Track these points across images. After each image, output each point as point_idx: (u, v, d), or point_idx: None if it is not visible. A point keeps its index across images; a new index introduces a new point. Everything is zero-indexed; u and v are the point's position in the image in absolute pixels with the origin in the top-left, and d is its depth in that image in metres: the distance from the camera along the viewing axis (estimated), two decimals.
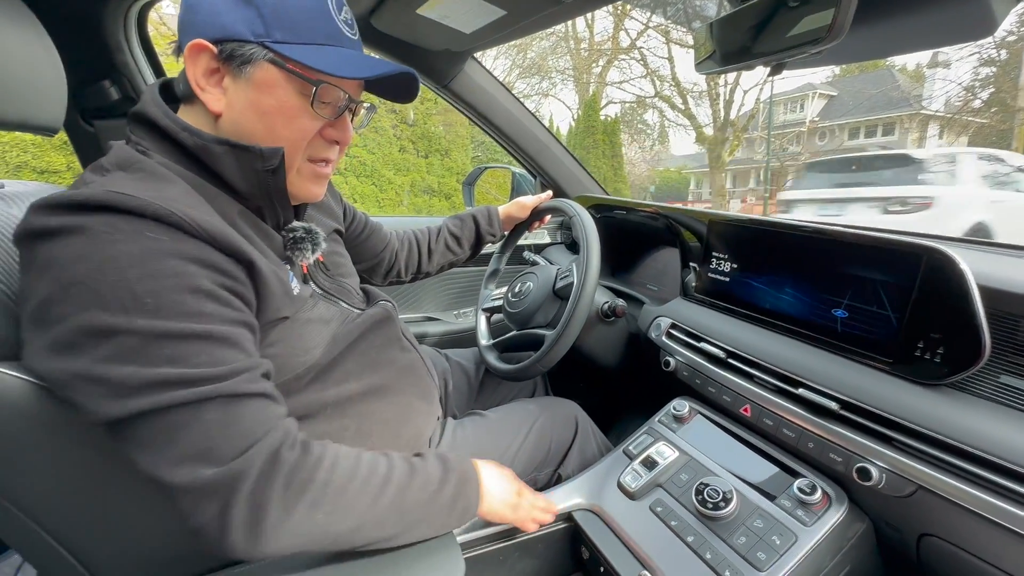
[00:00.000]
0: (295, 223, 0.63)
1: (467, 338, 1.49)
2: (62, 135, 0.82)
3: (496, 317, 1.16)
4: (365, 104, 0.63)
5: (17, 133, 0.66)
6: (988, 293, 0.57)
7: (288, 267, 0.61)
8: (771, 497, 0.69)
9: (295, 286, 0.60)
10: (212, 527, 0.43)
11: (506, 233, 1.16)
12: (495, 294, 1.19)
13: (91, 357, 0.41)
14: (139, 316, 0.41)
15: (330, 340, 0.65)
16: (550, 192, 1.16)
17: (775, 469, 0.73)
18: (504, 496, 0.66)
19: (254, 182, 0.55)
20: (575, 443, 0.90)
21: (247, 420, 0.46)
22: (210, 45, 0.50)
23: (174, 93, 0.57)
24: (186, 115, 0.55)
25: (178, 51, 0.53)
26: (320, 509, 0.48)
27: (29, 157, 4.85)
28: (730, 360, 0.84)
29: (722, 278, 0.93)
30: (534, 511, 0.70)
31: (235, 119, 0.54)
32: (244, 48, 0.50)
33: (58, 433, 0.48)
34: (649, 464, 0.80)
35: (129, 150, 0.51)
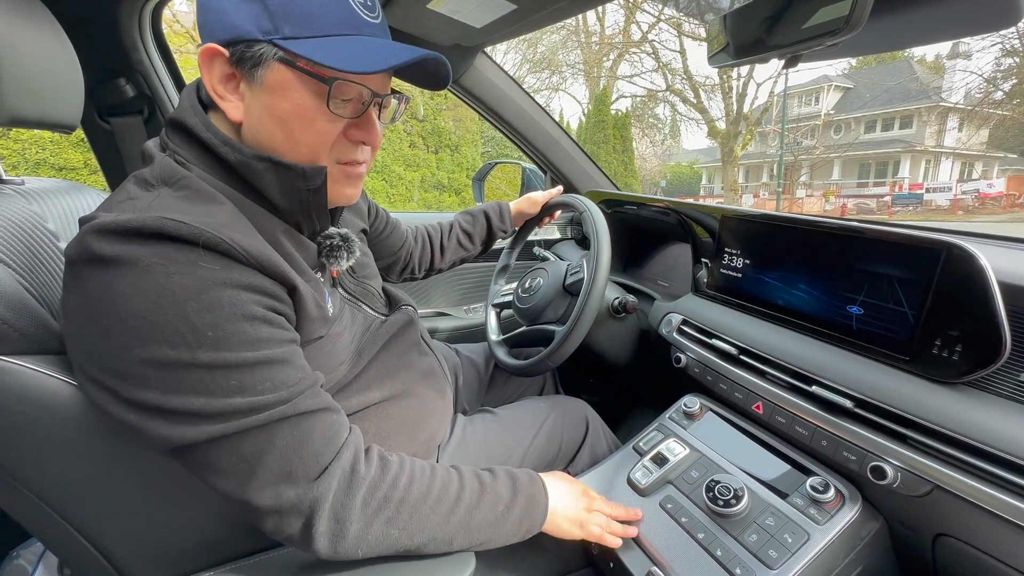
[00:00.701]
0: (331, 229, 0.61)
1: (478, 333, 1.49)
2: (79, 132, 0.84)
3: (506, 313, 1.16)
4: (396, 95, 0.57)
5: (36, 131, 0.67)
6: (1008, 290, 0.56)
7: (320, 276, 0.60)
8: (783, 495, 0.69)
9: (329, 306, 0.60)
10: (297, 538, 0.48)
11: (517, 228, 1.15)
12: (505, 290, 1.19)
13: (160, 388, 0.42)
14: (202, 349, 0.42)
15: (355, 353, 0.65)
16: (560, 188, 1.16)
17: (787, 467, 0.73)
18: (571, 513, 0.65)
19: (295, 200, 0.54)
20: (586, 442, 0.90)
21: (318, 438, 0.47)
22: (222, 49, 0.48)
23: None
24: (214, 122, 0.53)
25: None
26: (395, 526, 0.51)
27: (48, 154, 4.94)
28: (742, 357, 0.83)
29: (734, 274, 0.92)
30: (611, 524, 0.68)
31: (254, 127, 0.51)
32: (253, 48, 0.47)
33: (80, 427, 0.49)
34: (659, 461, 0.80)
35: (171, 163, 0.50)
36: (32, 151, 4.89)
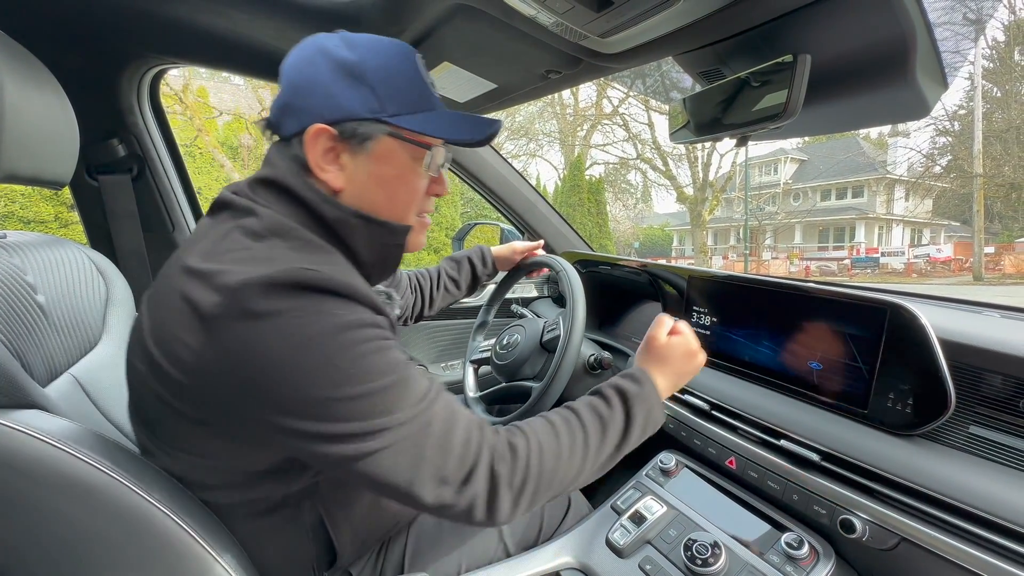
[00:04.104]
0: (380, 286, 0.66)
1: (455, 390, 1.48)
2: None
3: (484, 369, 1.16)
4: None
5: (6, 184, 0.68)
6: (950, 346, 0.61)
7: None
8: (759, 553, 0.69)
9: None
10: (461, 520, 0.53)
11: (501, 271, 1.19)
12: (483, 346, 1.20)
13: (318, 420, 0.47)
14: (348, 384, 0.46)
15: None
16: (542, 242, 1.20)
17: (762, 523, 0.73)
18: (681, 380, 0.73)
19: (380, 253, 0.60)
20: (566, 519, 0.86)
21: (458, 444, 0.51)
22: (329, 128, 0.54)
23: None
24: None
25: (268, 126, 0.58)
26: (539, 494, 0.56)
27: (17, 207, 4.87)
28: (714, 412, 0.86)
29: (703, 331, 0.96)
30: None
31: (358, 192, 0.57)
32: (363, 126, 0.54)
33: (48, 486, 0.47)
34: (637, 520, 0.79)
35: (278, 216, 0.53)
36: (0, 204, 4.81)
